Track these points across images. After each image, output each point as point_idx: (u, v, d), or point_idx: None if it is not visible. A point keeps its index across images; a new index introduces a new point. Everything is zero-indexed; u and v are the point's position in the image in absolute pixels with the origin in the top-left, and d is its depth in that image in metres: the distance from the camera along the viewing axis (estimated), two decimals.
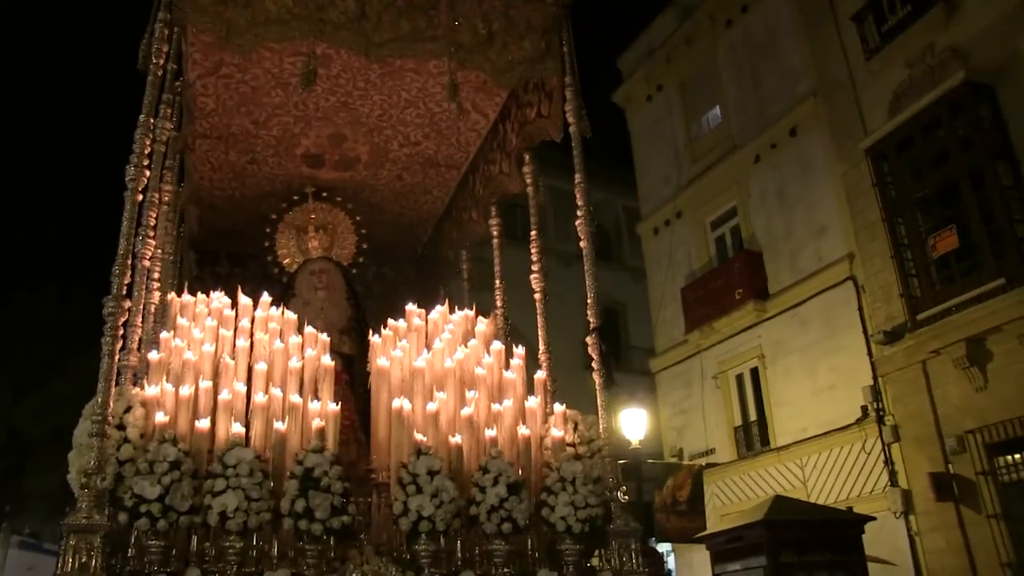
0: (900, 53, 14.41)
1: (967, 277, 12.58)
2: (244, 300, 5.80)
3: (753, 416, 17.24)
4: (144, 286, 5.35)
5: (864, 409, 14.32)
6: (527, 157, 6.52)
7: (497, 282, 6.94)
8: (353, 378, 6.41)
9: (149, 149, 4.96)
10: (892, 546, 12.84)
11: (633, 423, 15.62)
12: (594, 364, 5.13)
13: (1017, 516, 11.69)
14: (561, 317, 7.62)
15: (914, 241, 13.58)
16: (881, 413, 14.02)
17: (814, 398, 15.51)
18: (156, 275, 5.82)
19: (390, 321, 5.89)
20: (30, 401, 23.15)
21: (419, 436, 4.78)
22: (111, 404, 4.33)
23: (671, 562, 20.26)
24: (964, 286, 12.55)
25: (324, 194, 7.56)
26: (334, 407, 4.87)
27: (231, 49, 5.67)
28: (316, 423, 4.69)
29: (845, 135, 15.42)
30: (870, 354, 14.39)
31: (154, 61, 5.08)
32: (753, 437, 17.13)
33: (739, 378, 17.69)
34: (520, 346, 5.81)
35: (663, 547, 19.48)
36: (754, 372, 17.26)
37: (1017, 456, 11.93)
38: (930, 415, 13.07)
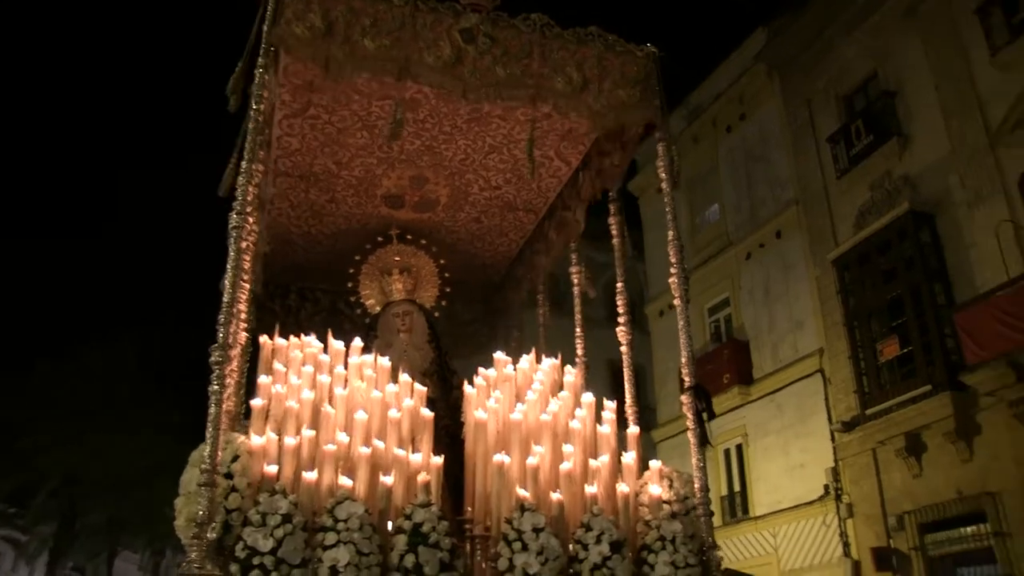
0: (864, 176, 16.65)
1: (905, 381, 14.87)
2: (336, 345, 5.76)
3: (737, 487, 19.37)
4: (236, 329, 5.33)
5: (826, 488, 16.59)
6: (612, 208, 6.54)
7: (578, 330, 6.92)
8: (436, 421, 6.38)
9: (252, 196, 4.99)
10: None
11: None
12: (689, 424, 5.17)
13: None
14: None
15: (867, 345, 15.89)
16: (839, 492, 16.31)
17: (787, 475, 17.71)
18: (243, 315, 5.80)
19: (481, 370, 5.83)
20: (88, 443, 23.47)
21: (522, 492, 4.77)
22: (219, 453, 4.34)
23: None
24: (903, 388, 14.83)
25: (409, 236, 7.50)
26: (437, 460, 4.86)
27: (323, 89, 5.76)
28: (421, 476, 4.67)
29: (820, 242, 17.64)
30: (832, 440, 16.66)
31: (254, 107, 5.09)
32: (736, 506, 19.27)
33: (727, 452, 19.65)
34: (613, 400, 5.78)
35: None
36: (739, 448, 19.36)
37: (942, 535, 14.26)
38: (877, 496, 15.41)
